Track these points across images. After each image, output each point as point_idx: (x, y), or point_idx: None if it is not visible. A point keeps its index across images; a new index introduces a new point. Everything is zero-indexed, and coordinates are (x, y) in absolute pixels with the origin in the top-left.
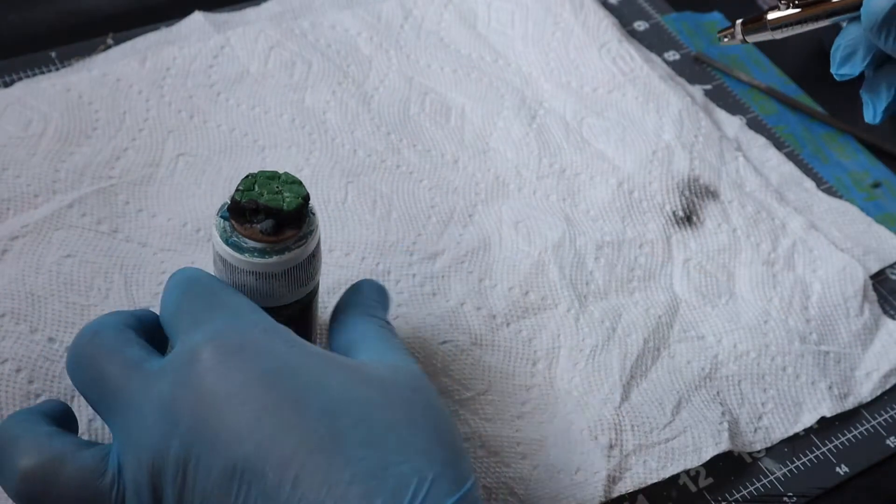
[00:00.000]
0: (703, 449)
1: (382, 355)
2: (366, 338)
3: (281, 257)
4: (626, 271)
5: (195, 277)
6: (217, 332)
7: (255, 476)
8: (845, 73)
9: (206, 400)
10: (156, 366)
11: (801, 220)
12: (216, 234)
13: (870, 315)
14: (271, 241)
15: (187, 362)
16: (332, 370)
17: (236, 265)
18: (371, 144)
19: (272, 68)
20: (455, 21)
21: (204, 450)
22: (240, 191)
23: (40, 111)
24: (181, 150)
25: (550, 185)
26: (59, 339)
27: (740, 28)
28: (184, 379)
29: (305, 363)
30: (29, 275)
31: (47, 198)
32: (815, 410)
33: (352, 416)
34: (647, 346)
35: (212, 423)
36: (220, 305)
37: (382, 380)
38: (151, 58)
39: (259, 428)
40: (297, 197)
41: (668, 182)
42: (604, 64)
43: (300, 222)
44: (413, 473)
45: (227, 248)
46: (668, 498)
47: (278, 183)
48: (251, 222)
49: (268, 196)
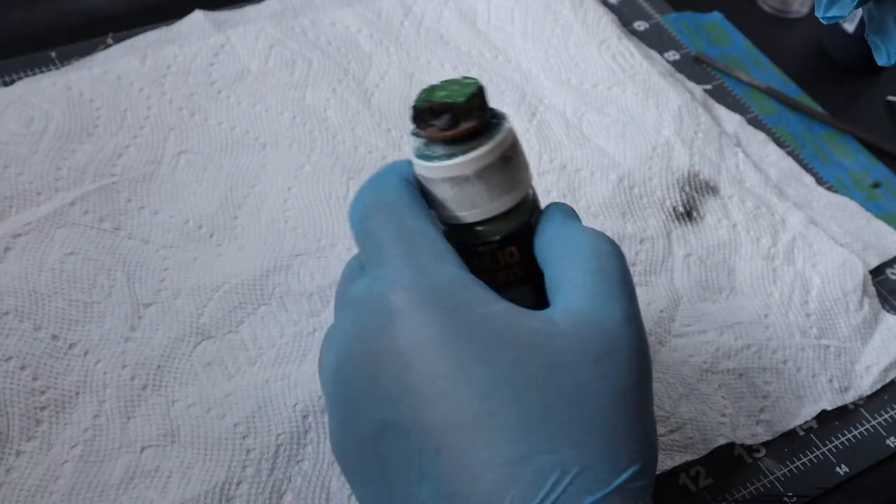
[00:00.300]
0: (705, 440)
1: (585, 295)
2: (575, 261)
3: (466, 156)
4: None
5: (383, 195)
6: (399, 281)
7: (401, 436)
8: (833, 14)
9: (373, 355)
10: (354, 291)
11: (800, 216)
12: (413, 157)
13: (869, 309)
14: (451, 137)
15: (368, 310)
16: (504, 342)
17: (431, 175)
18: (372, 141)
19: (273, 66)
20: (455, 18)
21: (361, 399)
22: (419, 98)
23: (42, 109)
24: (182, 148)
25: (551, 181)
26: (63, 336)
27: None
28: (361, 324)
29: (478, 330)
30: (32, 272)
31: (49, 195)
32: (815, 403)
33: (509, 396)
34: (648, 341)
35: (372, 377)
36: (405, 241)
37: (557, 352)
38: (152, 56)
39: (413, 392)
40: (468, 87)
41: (668, 178)
42: (603, 60)
43: (477, 113)
44: (556, 465)
45: (420, 161)
46: (667, 497)
47: (455, 84)
48: (432, 125)
49: (440, 94)
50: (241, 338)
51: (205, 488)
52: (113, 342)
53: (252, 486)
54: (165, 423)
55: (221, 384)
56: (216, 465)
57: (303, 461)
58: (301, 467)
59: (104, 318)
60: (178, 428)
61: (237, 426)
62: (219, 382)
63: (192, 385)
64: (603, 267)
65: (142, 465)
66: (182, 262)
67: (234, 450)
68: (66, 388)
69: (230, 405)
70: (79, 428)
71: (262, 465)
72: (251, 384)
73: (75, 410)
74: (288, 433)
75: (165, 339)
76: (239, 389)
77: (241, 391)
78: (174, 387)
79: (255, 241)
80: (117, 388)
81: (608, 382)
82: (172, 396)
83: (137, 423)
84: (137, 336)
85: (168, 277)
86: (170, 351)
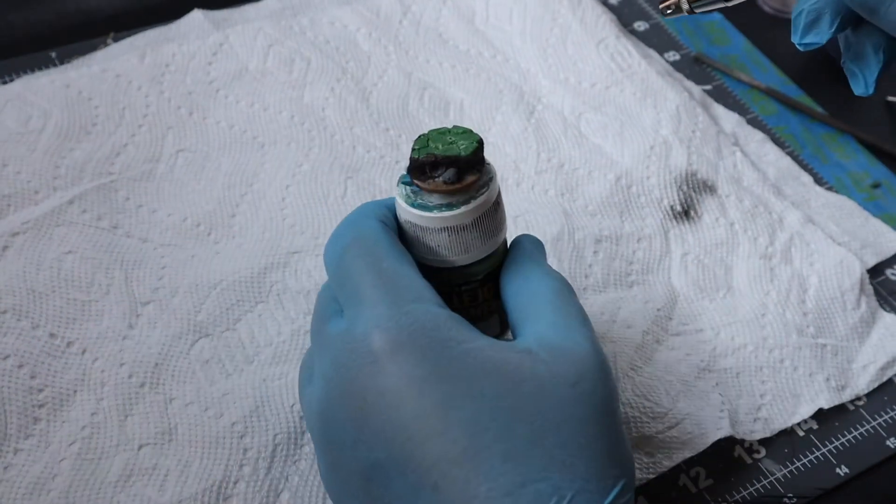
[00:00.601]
0: (703, 435)
1: (554, 327)
2: (539, 298)
3: (468, 206)
4: (625, 265)
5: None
6: (379, 322)
7: (394, 475)
8: (810, 41)
9: (356, 397)
10: (332, 331)
11: (798, 215)
12: (400, 202)
13: (867, 308)
14: (455, 190)
15: (348, 351)
16: (489, 375)
17: (428, 225)
18: (370, 140)
19: (271, 65)
20: (453, 17)
21: (347, 441)
22: (416, 150)
23: (40, 107)
24: (181, 146)
25: (549, 180)
26: (61, 335)
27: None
28: (342, 366)
29: (463, 366)
30: (30, 271)
31: (47, 194)
32: (812, 402)
33: (499, 428)
34: (645, 339)
35: (358, 418)
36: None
37: (539, 379)
38: (151, 54)
39: (403, 433)
40: (472, 142)
41: (666, 177)
42: (601, 60)
43: (479, 166)
44: (552, 491)
45: (414, 211)
46: (668, 498)
47: (450, 135)
48: (433, 177)
49: (443, 147)
50: (238, 336)
51: (202, 486)
52: (111, 340)
53: (249, 485)
54: (163, 422)
55: (219, 383)
56: (213, 463)
57: (300, 461)
58: (298, 467)
59: (102, 317)
60: (176, 426)
61: (235, 425)
62: (216, 381)
63: (189, 383)
64: (565, 303)
65: (139, 463)
66: (180, 260)
67: (231, 449)
68: (64, 386)
69: (228, 404)
70: (76, 426)
71: (259, 464)
72: (249, 383)
73: (73, 408)
74: (285, 433)
75: (163, 336)
76: (237, 388)
77: (239, 390)
78: (172, 385)
79: (253, 238)
80: (115, 386)
81: (586, 405)
82: (170, 394)
83: (135, 421)
84: (135, 334)
85: (166, 275)
86: (167, 349)
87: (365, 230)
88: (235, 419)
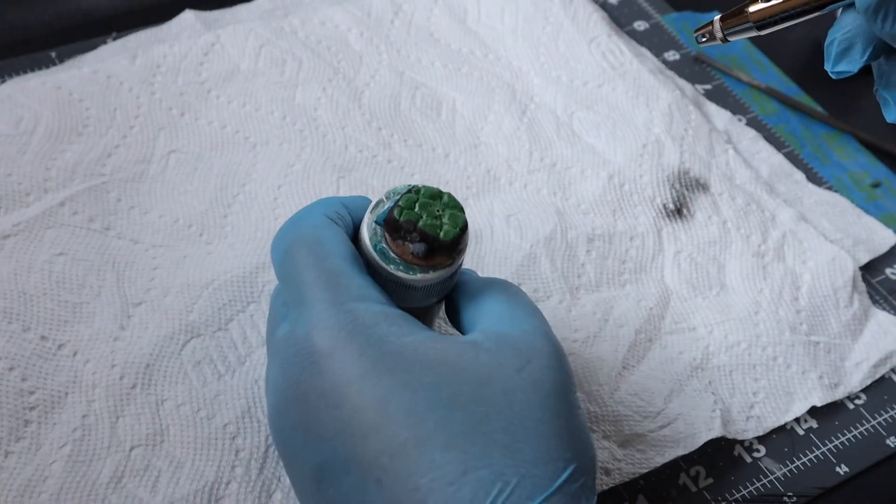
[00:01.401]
0: (695, 435)
1: (501, 319)
2: (487, 297)
3: (426, 275)
4: (618, 264)
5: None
6: (318, 322)
7: (340, 474)
8: (842, 70)
9: (301, 399)
10: (279, 334)
11: (790, 212)
12: (366, 233)
13: (859, 306)
14: (420, 264)
15: (291, 354)
16: (426, 366)
17: (379, 269)
18: (362, 140)
19: (263, 66)
20: (445, 16)
21: (297, 445)
22: (400, 207)
23: (31, 109)
24: (172, 147)
25: (541, 179)
26: (52, 337)
27: (719, 25)
28: (286, 369)
29: (401, 360)
30: (21, 273)
31: (38, 196)
32: (805, 400)
33: (437, 418)
34: (638, 338)
35: (303, 420)
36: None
37: (482, 367)
38: (142, 55)
39: (345, 431)
40: (455, 226)
41: (659, 175)
42: (594, 58)
43: (452, 250)
44: (495, 478)
45: (373, 253)
46: (668, 498)
47: (440, 206)
48: (404, 240)
49: (427, 220)
50: (230, 336)
51: (194, 488)
52: (102, 342)
53: (241, 486)
54: (155, 423)
55: (211, 384)
56: (205, 464)
57: None
58: None
59: (93, 318)
60: (168, 427)
61: (227, 426)
62: (208, 382)
63: (181, 384)
64: (513, 300)
65: (131, 465)
66: (172, 260)
67: (223, 450)
68: (55, 389)
69: (220, 405)
70: (68, 428)
71: (251, 464)
72: (241, 384)
73: (64, 410)
74: None
75: (155, 337)
76: (229, 389)
77: (231, 391)
78: (163, 386)
79: (245, 239)
80: (106, 387)
81: (533, 389)
82: (162, 396)
83: (126, 423)
84: (127, 335)
85: (157, 276)
86: (159, 350)
87: (308, 228)
88: (227, 420)
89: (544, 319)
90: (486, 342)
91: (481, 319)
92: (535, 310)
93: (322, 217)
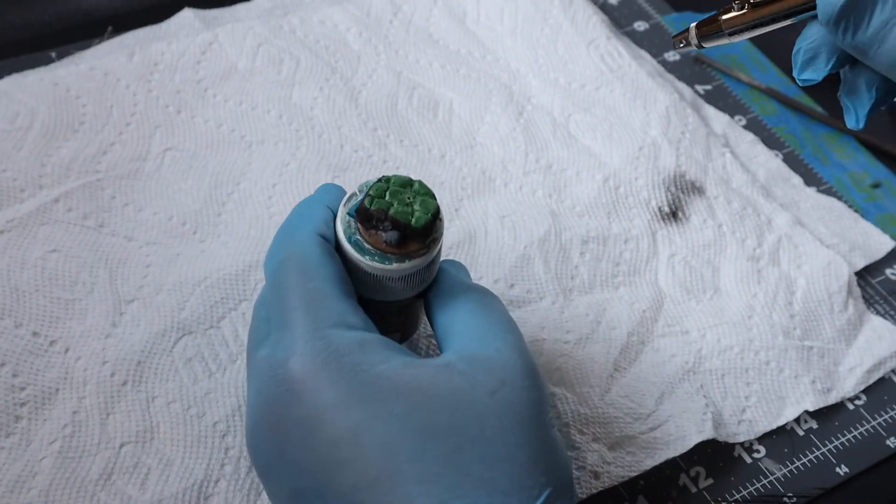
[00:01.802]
0: (686, 437)
1: (474, 338)
2: (461, 312)
3: (402, 265)
4: (611, 266)
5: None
6: (295, 349)
7: (316, 500)
8: (808, 78)
9: (275, 425)
10: (259, 356)
11: (786, 217)
12: (340, 227)
13: (854, 311)
14: (394, 253)
15: (268, 379)
16: (401, 394)
17: (356, 263)
18: (358, 140)
19: (260, 65)
20: (444, 16)
21: (272, 467)
22: (370, 196)
23: (27, 105)
24: (168, 145)
25: (537, 181)
26: (44, 333)
27: (695, 32)
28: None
29: (375, 389)
30: (14, 269)
31: (33, 192)
32: (798, 404)
33: (410, 449)
34: (630, 340)
35: (278, 445)
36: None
37: (455, 392)
38: (139, 53)
39: (319, 460)
40: (426, 213)
41: (655, 178)
42: (592, 60)
43: (426, 237)
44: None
45: (348, 246)
46: (668, 498)
47: (410, 193)
48: (377, 229)
49: (398, 207)
50: (222, 333)
51: (183, 485)
52: (93, 339)
53: (230, 484)
54: (145, 420)
55: (202, 381)
56: (195, 462)
57: None
58: None
59: (85, 315)
60: (158, 425)
61: (217, 424)
62: (199, 379)
63: (172, 381)
64: (488, 313)
65: (120, 462)
66: (165, 258)
67: (213, 447)
68: (46, 385)
69: (210, 403)
70: (58, 424)
71: (240, 463)
72: (231, 382)
73: (55, 407)
74: None
75: (146, 334)
76: (219, 387)
77: (222, 389)
78: (154, 383)
79: (239, 237)
80: (97, 384)
81: (506, 413)
82: (152, 393)
83: (117, 420)
84: (118, 332)
85: (150, 274)
86: (150, 346)
87: (299, 245)
88: (217, 418)
89: (519, 334)
90: (459, 363)
91: (455, 333)
92: (511, 323)
93: (313, 235)
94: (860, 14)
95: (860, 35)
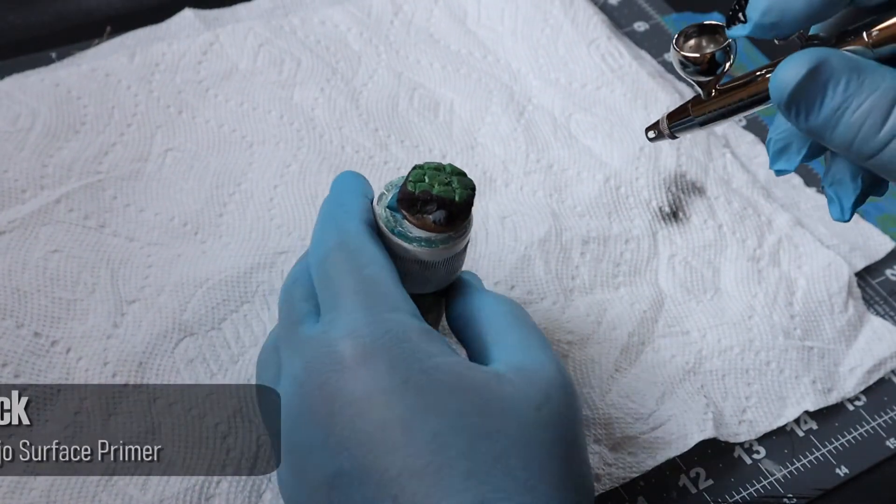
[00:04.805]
0: (687, 437)
1: (517, 350)
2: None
3: (447, 246)
4: (612, 266)
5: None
6: (354, 329)
7: (355, 484)
8: (781, 168)
9: (325, 402)
10: (306, 333)
11: (787, 217)
12: (382, 225)
13: (854, 311)
14: (441, 231)
15: (321, 355)
16: (453, 391)
17: (403, 255)
18: (359, 140)
19: (261, 65)
20: (445, 17)
21: (313, 446)
22: (412, 182)
23: (29, 106)
24: (169, 146)
25: (537, 181)
26: (45, 333)
27: (666, 122)
28: (314, 369)
29: (430, 380)
30: (15, 270)
31: (34, 193)
32: (798, 405)
33: (461, 445)
34: (631, 341)
35: (324, 424)
36: (363, 289)
37: (505, 400)
38: (140, 53)
39: (367, 442)
40: (466, 188)
41: (655, 178)
42: (592, 61)
43: (468, 213)
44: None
45: (395, 238)
46: (668, 499)
47: (445, 174)
48: (423, 212)
49: (439, 188)
50: (223, 335)
51: (184, 486)
52: (95, 339)
53: (232, 485)
54: (146, 421)
55: (203, 382)
56: (196, 463)
57: None
58: None
59: (87, 316)
60: (159, 426)
61: (218, 426)
62: (201, 380)
63: (173, 382)
64: (523, 325)
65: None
66: (166, 259)
67: (214, 449)
68: (48, 385)
69: (212, 404)
70: (59, 425)
71: (242, 464)
72: (233, 383)
73: (56, 407)
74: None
75: (148, 335)
76: (221, 388)
77: (223, 390)
78: (156, 384)
79: (240, 238)
80: (98, 385)
81: (550, 429)
82: (154, 394)
83: (118, 421)
84: (120, 333)
85: (152, 275)
86: (152, 347)
87: (350, 233)
88: (219, 420)
89: (552, 349)
90: (508, 374)
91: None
92: (545, 338)
93: (361, 223)
94: (811, 99)
95: (812, 119)
